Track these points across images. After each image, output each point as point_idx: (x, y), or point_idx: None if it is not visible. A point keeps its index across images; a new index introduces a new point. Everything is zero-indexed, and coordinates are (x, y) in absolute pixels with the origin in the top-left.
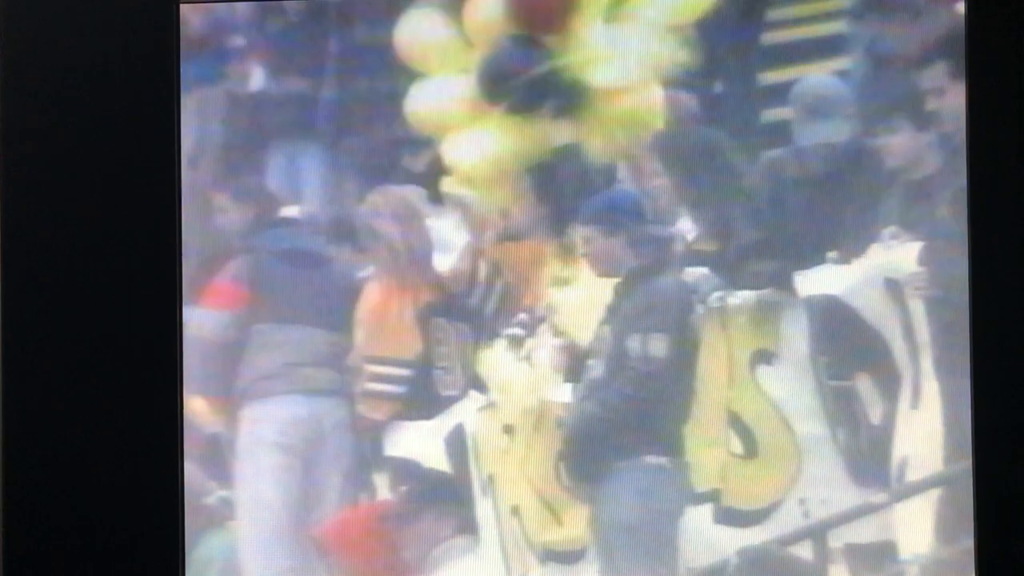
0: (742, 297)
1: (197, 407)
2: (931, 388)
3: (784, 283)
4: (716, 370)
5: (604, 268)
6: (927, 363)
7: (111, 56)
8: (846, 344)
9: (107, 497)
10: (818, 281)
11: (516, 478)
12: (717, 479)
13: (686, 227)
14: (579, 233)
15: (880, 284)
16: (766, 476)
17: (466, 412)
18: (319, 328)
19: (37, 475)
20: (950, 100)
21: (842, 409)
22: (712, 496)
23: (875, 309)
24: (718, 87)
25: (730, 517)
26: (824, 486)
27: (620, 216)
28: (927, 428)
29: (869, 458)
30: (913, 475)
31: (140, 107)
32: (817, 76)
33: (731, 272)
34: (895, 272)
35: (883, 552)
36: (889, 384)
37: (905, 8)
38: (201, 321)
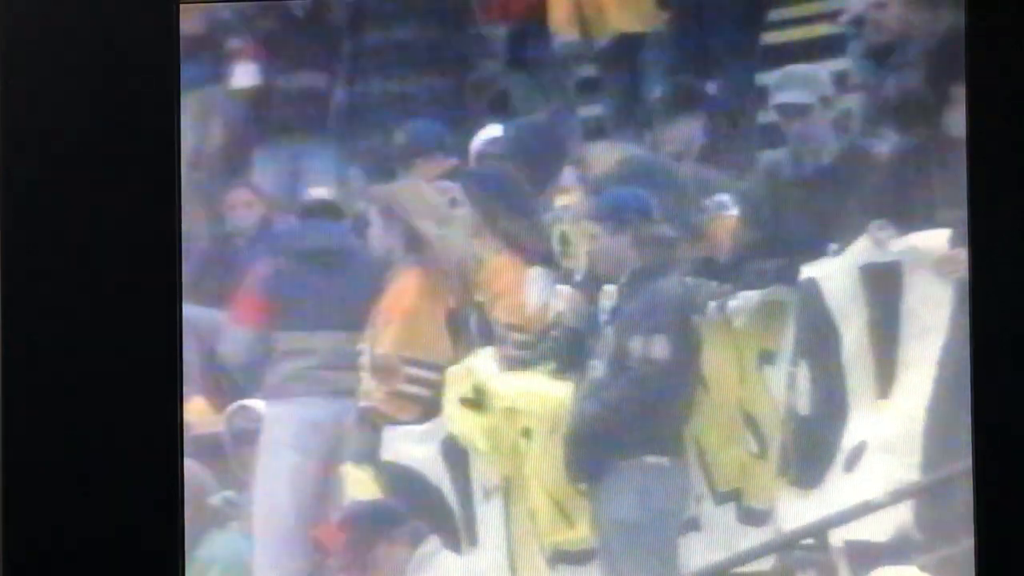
0: (746, 297)
1: (200, 408)
2: (936, 377)
3: (788, 281)
4: (726, 370)
5: (609, 268)
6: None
7: (111, 56)
8: (843, 340)
9: (107, 497)
10: (819, 277)
11: (525, 482)
12: (738, 479)
13: (693, 226)
14: (587, 231)
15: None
16: (777, 474)
17: (472, 416)
18: (339, 330)
19: (37, 475)
20: (950, 100)
21: (839, 405)
22: (733, 496)
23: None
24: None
25: (751, 516)
26: (824, 483)
27: (627, 215)
28: (924, 423)
29: (867, 454)
30: (910, 470)
31: (140, 107)
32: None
33: (735, 272)
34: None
35: (883, 550)
36: (890, 379)
37: (905, 9)
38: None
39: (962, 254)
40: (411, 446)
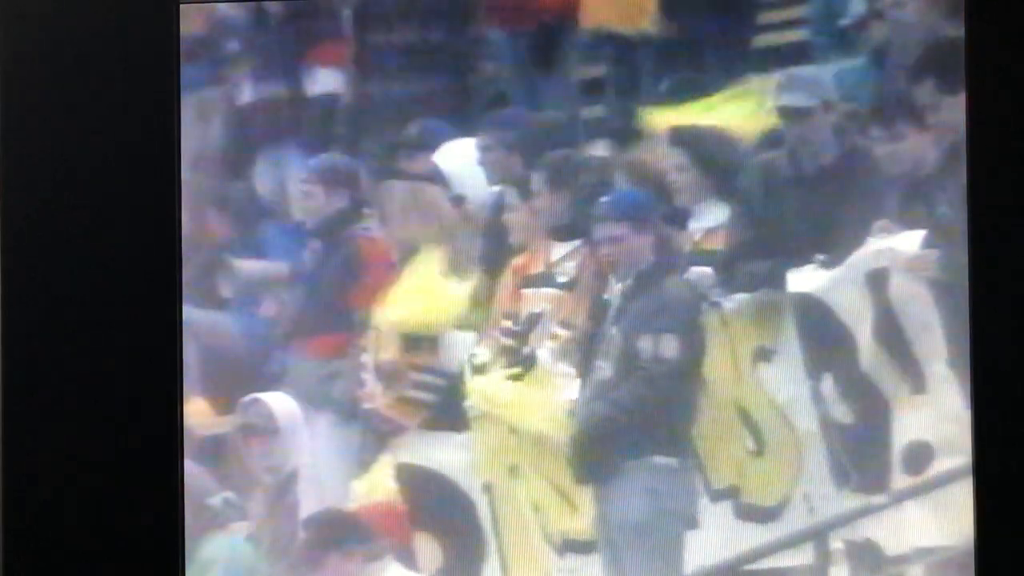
0: (745, 296)
1: (200, 407)
2: (933, 377)
3: (780, 282)
4: (724, 368)
5: (620, 269)
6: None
7: (111, 56)
8: (841, 340)
9: (107, 498)
10: (813, 278)
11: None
12: (734, 476)
13: (693, 226)
14: (595, 233)
15: (869, 277)
16: (776, 472)
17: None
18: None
19: (37, 475)
20: (949, 100)
21: (838, 404)
22: (731, 493)
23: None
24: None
25: (749, 513)
26: (825, 483)
27: (631, 215)
28: (927, 420)
29: (866, 453)
30: (915, 468)
31: (140, 107)
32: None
33: (734, 271)
34: (891, 261)
35: (883, 550)
36: (887, 375)
37: (905, 10)
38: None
39: (933, 255)
40: (417, 449)
